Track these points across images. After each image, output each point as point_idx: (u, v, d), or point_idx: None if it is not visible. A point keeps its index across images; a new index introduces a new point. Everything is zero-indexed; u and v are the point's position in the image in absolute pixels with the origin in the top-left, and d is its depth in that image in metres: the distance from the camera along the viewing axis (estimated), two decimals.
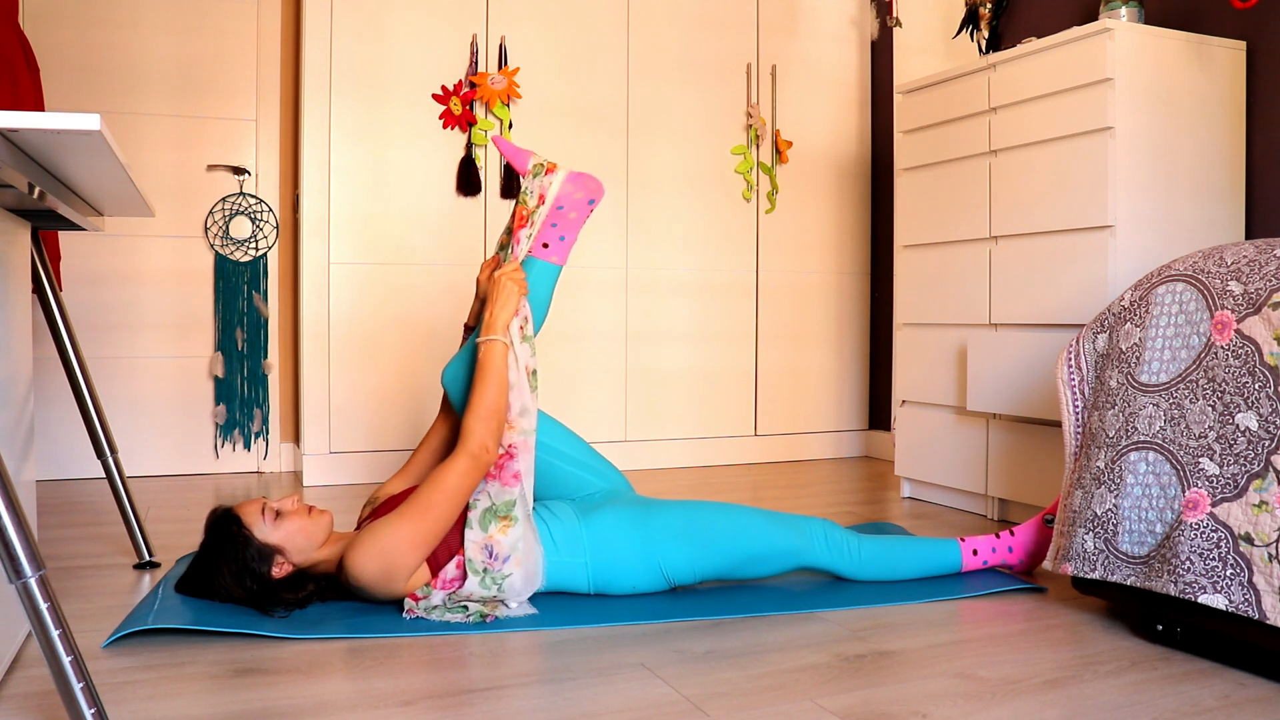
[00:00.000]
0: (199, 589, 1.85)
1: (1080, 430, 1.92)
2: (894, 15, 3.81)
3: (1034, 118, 2.60)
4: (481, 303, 2.12)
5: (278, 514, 1.83)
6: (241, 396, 3.60)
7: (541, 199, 2.01)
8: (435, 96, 3.46)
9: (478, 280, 2.12)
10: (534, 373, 1.95)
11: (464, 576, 1.81)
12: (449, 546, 1.84)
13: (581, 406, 3.68)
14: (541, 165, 2.03)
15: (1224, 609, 1.55)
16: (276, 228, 3.64)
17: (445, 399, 2.12)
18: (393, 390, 3.44)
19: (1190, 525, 1.62)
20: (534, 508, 1.97)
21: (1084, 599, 2.01)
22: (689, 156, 3.82)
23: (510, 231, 2.04)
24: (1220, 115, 2.54)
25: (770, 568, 2.00)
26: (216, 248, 3.56)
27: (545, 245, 2.01)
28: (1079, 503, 1.82)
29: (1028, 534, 2.15)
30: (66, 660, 1.19)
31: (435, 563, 1.83)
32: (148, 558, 2.26)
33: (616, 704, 1.45)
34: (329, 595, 1.89)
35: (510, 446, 1.88)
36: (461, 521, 1.85)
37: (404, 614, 1.81)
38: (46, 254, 2.22)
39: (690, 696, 1.48)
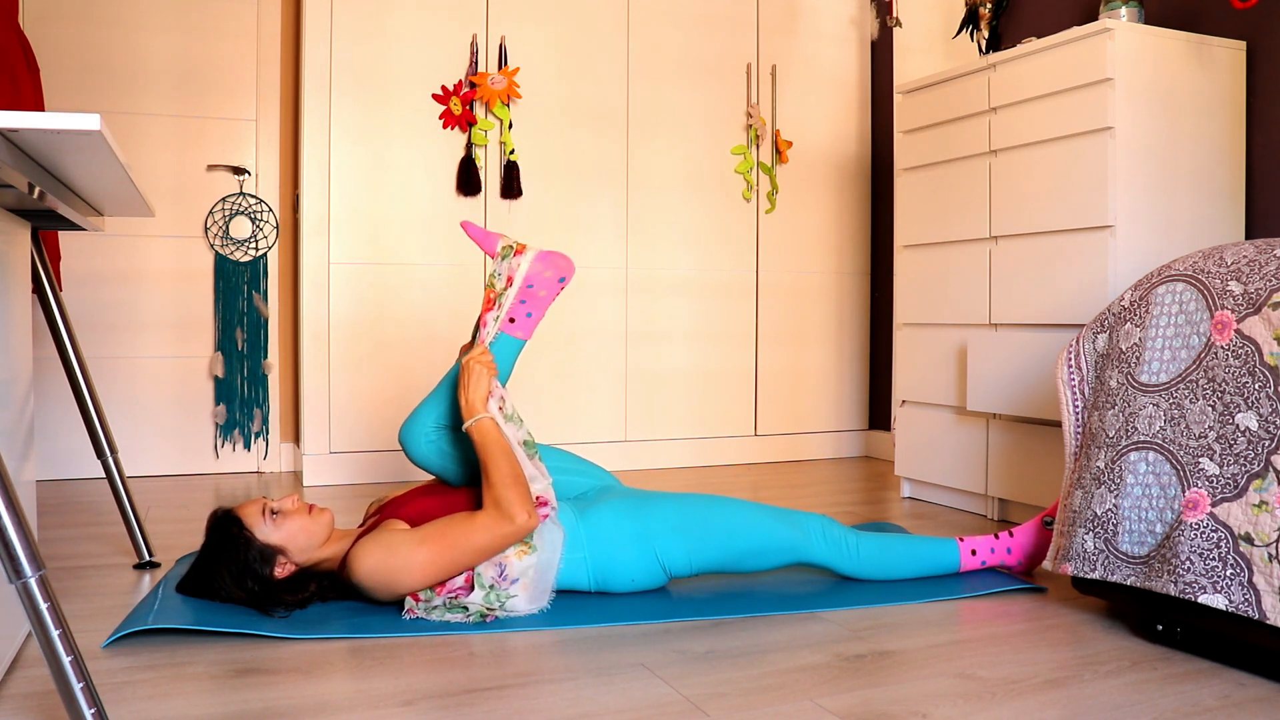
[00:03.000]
0: (200, 590, 1.85)
1: (1080, 430, 1.92)
2: (894, 15, 3.81)
3: (1034, 118, 2.60)
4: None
5: (278, 514, 1.83)
6: (241, 396, 3.60)
7: (509, 280, 2.03)
8: (435, 96, 3.46)
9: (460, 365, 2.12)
10: (527, 443, 1.95)
11: (470, 588, 1.81)
12: None
13: (581, 406, 3.68)
14: (510, 247, 2.06)
15: (1224, 609, 1.55)
16: (276, 228, 3.64)
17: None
18: (393, 390, 3.44)
19: (1190, 525, 1.62)
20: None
21: (1084, 599, 2.01)
22: (689, 156, 3.82)
23: (479, 320, 2.07)
24: (1220, 115, 2.54)
25: (768, 561, 2.01)
26: (216, 248, 3.56)
27: (512, 320, 2.03)
28: (1079, 503, 1.82)
29: (1027, 535, 2.15)
30: (66, 660, 1.19)
31: None
32: (148, 558, 2.26)
33: (616, 704, 1.45)
34: (330, 595, 1.89)
35: (539, 498, 1.88)
36: None
37: (404, 614, 1.81)
38: (46, 254, 2.22)
39: (690, 696, 1.48)
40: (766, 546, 1.98)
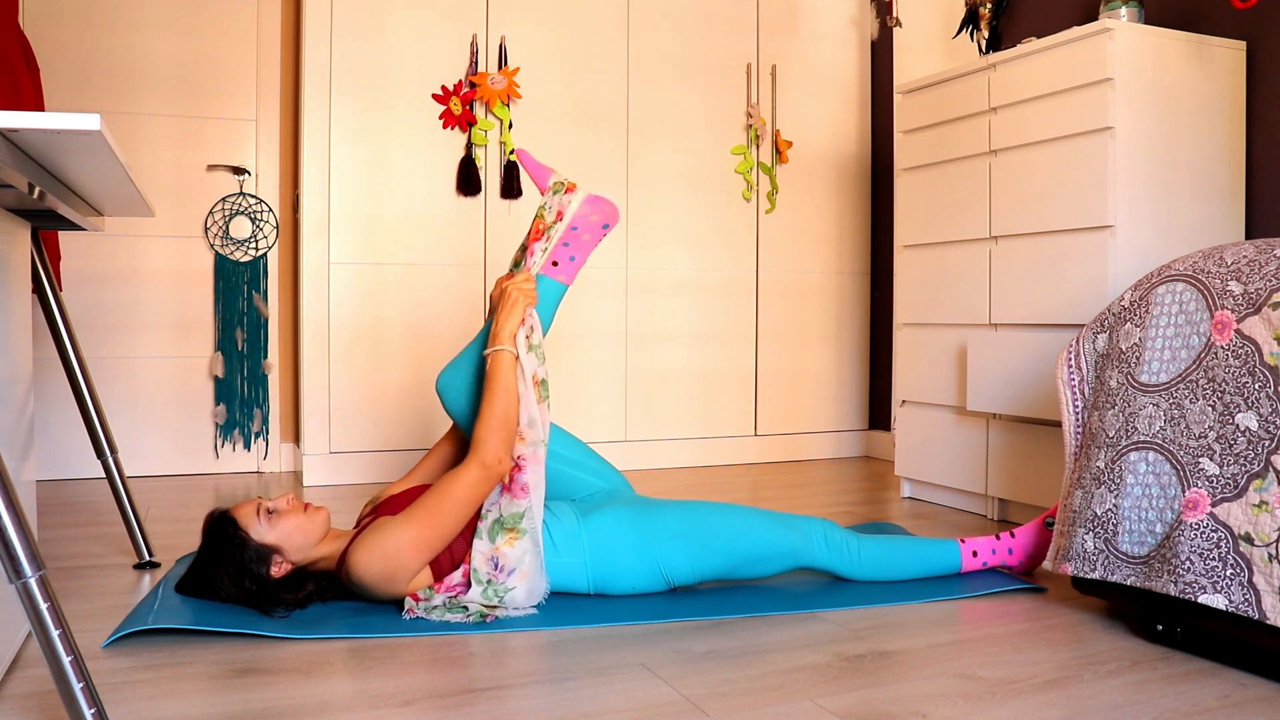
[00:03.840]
0: (199, 591, 1.85)
1: (1080, 430, 1.92)
2: (894, 15, 3.81)
3: (1034, 118, 2.60)
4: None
5: (273, 513, 1.83)
6: (241, 396, 3.60)
7: (560, 215, 2.03)
8: (435, 96, 3.46)
9: (490, 296, 2.12)
10: (544, 383, 1.94)
11: (468, 585, 1.81)
12: (454, 554, 1.84)
13: (581, 406, 3.68)
14: (561, 184, 2.06)
15: (1224, 609, 1.55)
16: (276, 228, 3.64)
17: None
18: (393, 390, 3.44)
19: (1190, 525, 1.62)
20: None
21: (1084, 599, 2.01)
22: (689, 156, 3.82)
23: (524, 247, 2.05)
24: (1220, 115, 2.54)
25: (770, 568, 2.00)
26: (216, 248, 3.56)
27: (555, 263, 2.03)
28: (1079, 503, 1.82)
29: (1028, 536, 2.15)
30: (66, 660, 1.19)
31: (440, 569, 1.83)
32: (148, 558, 2.26)
33: (616, 704, 1.45)
34: (329, 595, 1.88)
35: (519, 459, 1.87)
36: (469, 530, 1.85)
37: (404, 614, 1.81)
38: (46, 254, 2.22)
39: (690, 696, 1.48)
40: (768, 553, 1.98)
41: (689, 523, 1.96)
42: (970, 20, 3.30)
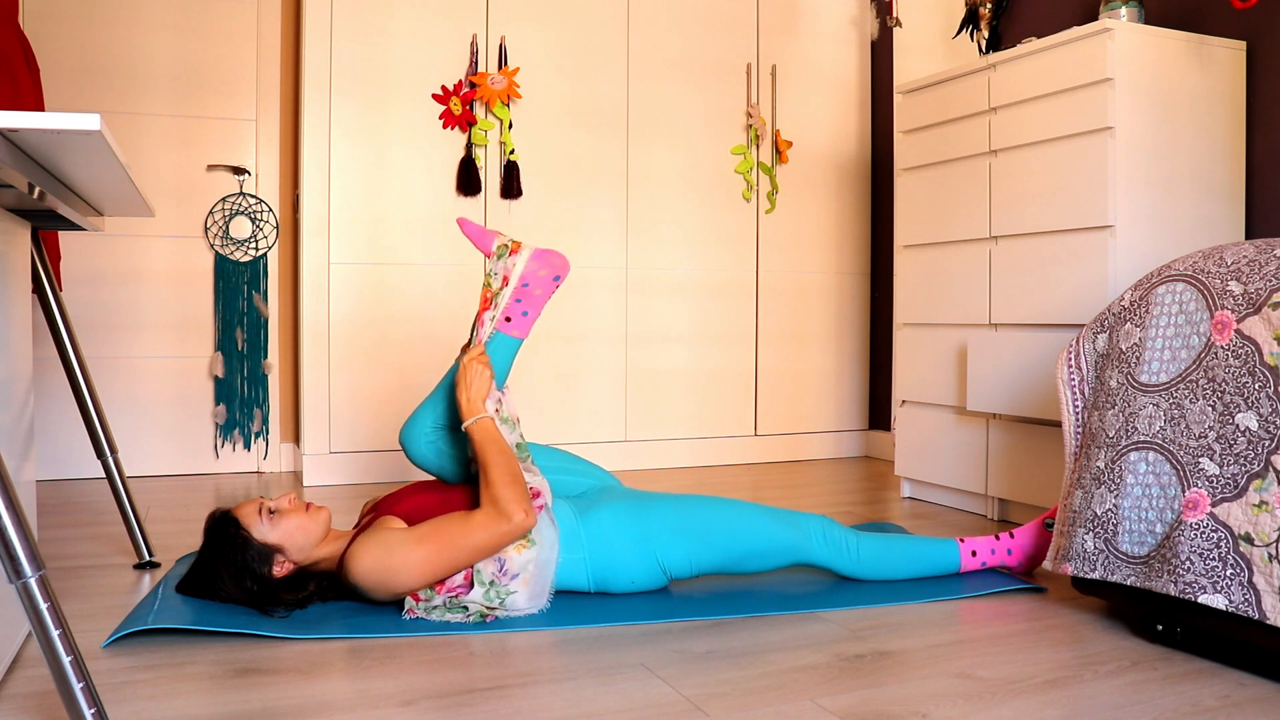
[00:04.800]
0: (199, 591, 1.85)
1: (1080, 430, 1.91)
2: (894, 15, 3.81)
3: (1034, 118, 2.60)
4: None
5: (275, 513, 1.83)
6: (241, 396, 3.60)
7: (505, 280, 2.03)
8: (435, 96, 3.46)
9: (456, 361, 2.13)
10: (520, 445, 1.97)
11: (470, 586, 1.81)
12: None
13: (581, 406, 3.68)
14: (505, 246, 2.06)
15: (1224, 609, 1.55)
16: (276, 228, 3.64)
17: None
18: (393, 390, 3.44)
19: (1190, 525, 1.62)
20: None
21: (1084, 599, 2.01)
22: (689, 156, 3.82)
23: (476, 318, 2.07)
24: (1220, 115, 2.54)
25: (768, 563, 2.00)
26: (216, 248, 3.56)
27: (508, 319, 2.03)
28: (1079, 503, 1.82)
29: (1027, 536, 2.15)
30: (66, 660, 1.19)
31: None
32: (148, 558, 2.26)
33: (616, 704, 1.45)
34: (329, 595, 1.89)
35: (533, 489, 1.90)
36: None
37: (404, 614, 1.81)
38: (46, 254, 2.22)
39: (690, 696, 1.48)
40: (766, 548, 1.98)
41: (688, 517, 1.96)
42: (970, 20, 3.30)
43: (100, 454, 2.26)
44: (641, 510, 1.96)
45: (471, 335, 2.05)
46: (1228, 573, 1.55)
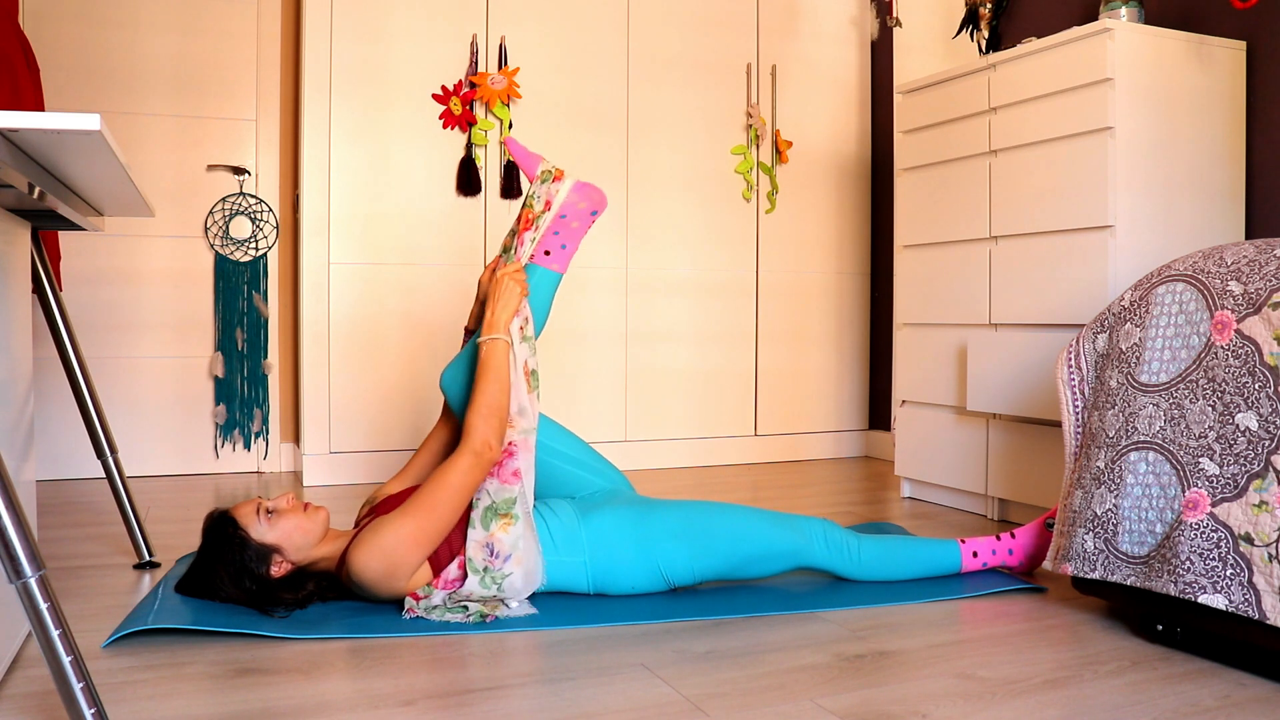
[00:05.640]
0: (199, 591, 1.85)
1: (1080, 430, 1.91)
2: (894, 15, 3.81)
3: (1034, 118, 2.60)
4: (482, 304, 2.12)
5: (273, 513, 1.83)
6: (241, 396, 3.60)
7: (548, 204, 2.02)
8: (435, 96, 3.46)
9: (479, 281, 2.13)
10: (534, 373, 1.96)
11: (465, 576, 1.81)
12: (451, 547, 1.84)
13: (581, 406, 3.68)
14: (549, 171, 2.04)
15: (1224, 609, 1.55)
16: (276, 228, 3.64)
17: (446, 403, 2.12)
18: (393, 390, 3.44)
19: (1190, 525, 1.62)
20: (534, 506, 1.97)
21: (1084, 599, 2.01)
22: (689, 156, 3.82)
23: (514, 233, 2.05)
24: (1220, 115, 2.54)
25: (770, 568, 2.00)
26: (216, 248, 3.56)
27: (547, 252, 2.02)
28: (1079, 503, 1.82)
29: (1028, 537, 2.15)
30: (66, 660, 1.19)
31: (437, 563, 1.83)
32: (148, 558, 2.26)
33: (616, 704, 1.45)
34: (329, 594, 1.89)
35: (510, 445, 1.89)
36: (464, 522, 1.86)
37: (404, 614, 1.81)
38: (46, 254, 2.22)
39: (690, 696, 1.48)
40: (768, 553, 1.98)
41: (689, 523, 1.96)
42: (970, 20, 3.30)
43: (100, 454, 2.26)
44: (643, 516, 1.96)
45: (507, 254, 2.02)
46: (1228, 573, 1.55)
